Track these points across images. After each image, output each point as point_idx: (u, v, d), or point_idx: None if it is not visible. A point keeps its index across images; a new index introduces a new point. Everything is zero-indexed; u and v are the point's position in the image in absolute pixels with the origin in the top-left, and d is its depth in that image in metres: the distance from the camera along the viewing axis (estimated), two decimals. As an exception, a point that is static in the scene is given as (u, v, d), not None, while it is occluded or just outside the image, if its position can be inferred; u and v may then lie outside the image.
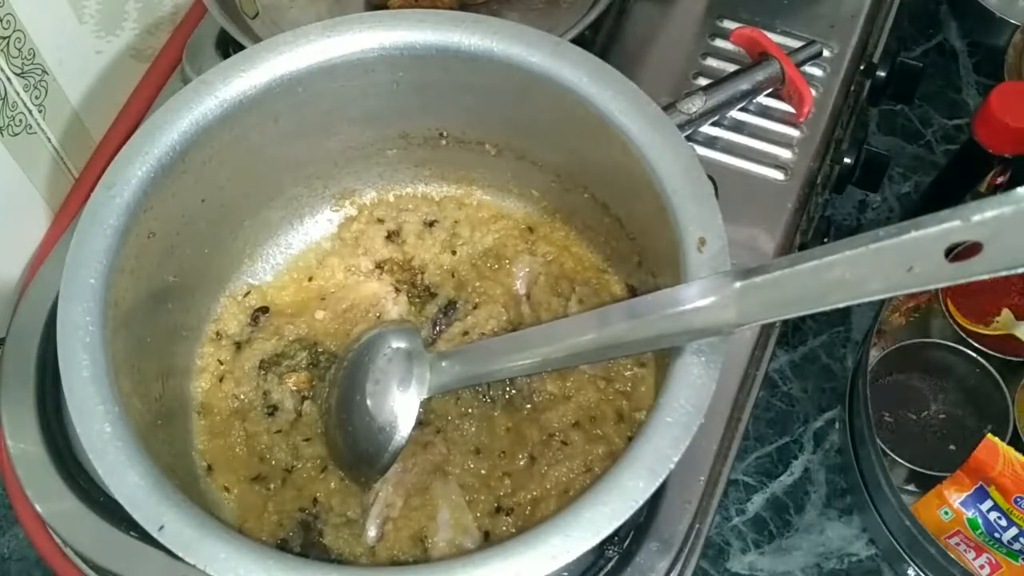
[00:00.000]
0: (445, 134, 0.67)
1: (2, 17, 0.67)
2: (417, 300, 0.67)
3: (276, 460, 0.61)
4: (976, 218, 0.39)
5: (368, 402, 0.57)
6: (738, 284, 0.48)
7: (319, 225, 0.70)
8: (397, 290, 0.66)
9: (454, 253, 0.67)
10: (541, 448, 0.60)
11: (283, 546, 0.58)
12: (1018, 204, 0.38)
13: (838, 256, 0.44)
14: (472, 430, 0.61)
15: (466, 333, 0.64)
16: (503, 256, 0.67)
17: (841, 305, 0.45)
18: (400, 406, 0.57)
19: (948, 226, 0.40)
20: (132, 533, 0.60)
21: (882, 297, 0.44)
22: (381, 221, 0.69)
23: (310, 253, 0.69)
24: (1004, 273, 0.40)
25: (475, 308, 0.65)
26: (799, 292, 0.46)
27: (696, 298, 0.49)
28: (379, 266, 0.68)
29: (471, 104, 0.64)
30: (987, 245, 0.39)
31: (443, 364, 0.57)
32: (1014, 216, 0.39)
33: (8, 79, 0.69)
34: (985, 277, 0.40)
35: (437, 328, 0.65)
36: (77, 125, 0.77)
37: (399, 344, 0.58)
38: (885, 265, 0.42)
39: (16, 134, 0.71)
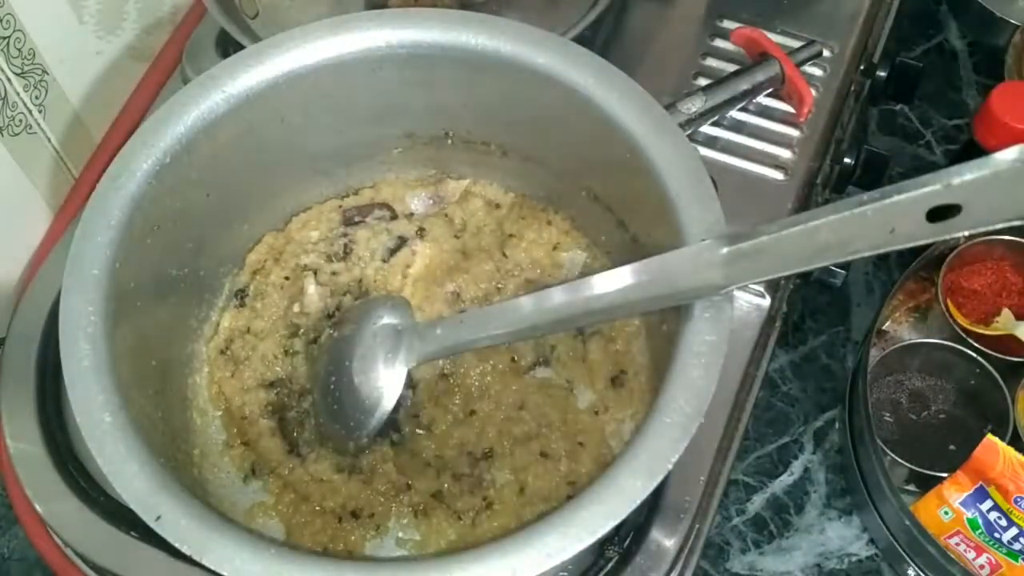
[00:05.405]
0: (451, 133, 0.67)
1: (2, 17, 0.67)
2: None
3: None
4: (956, 182, 0.42)
5: (355, 377, 0.58)
6: (725, 250, 0.50)
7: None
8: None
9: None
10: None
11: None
12: (995, 168, 0.41)
13: (822, 221, 0.46)
14: None
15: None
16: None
17: (825, 264, 0.47)
18: (385, 379, 0.57)
19: (929, 190, 0.43)
20: (132, 533, 0.60)
21: (866, 256, 0.46)
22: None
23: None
24: (981, 230, 0.42)
25: None
26: (784, 255, 0.48)
27: (684, 262, 0.51)
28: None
29: (477, 104, 0.64)
30: (966, 206, 0.42)
31: (437, 332, 0.57)
32: (992, 179, 0.41)
33: (8, 79, 0.69)
34: (964, 234, 0.43)
35: None
36: (77, 125, 0.77)
37: (388, 320, 0.59)
38: (868, 227, 0.44)
39: (16, 134, 0.71)
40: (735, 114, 0.74)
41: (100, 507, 0.61)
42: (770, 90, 0.74)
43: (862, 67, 0.80)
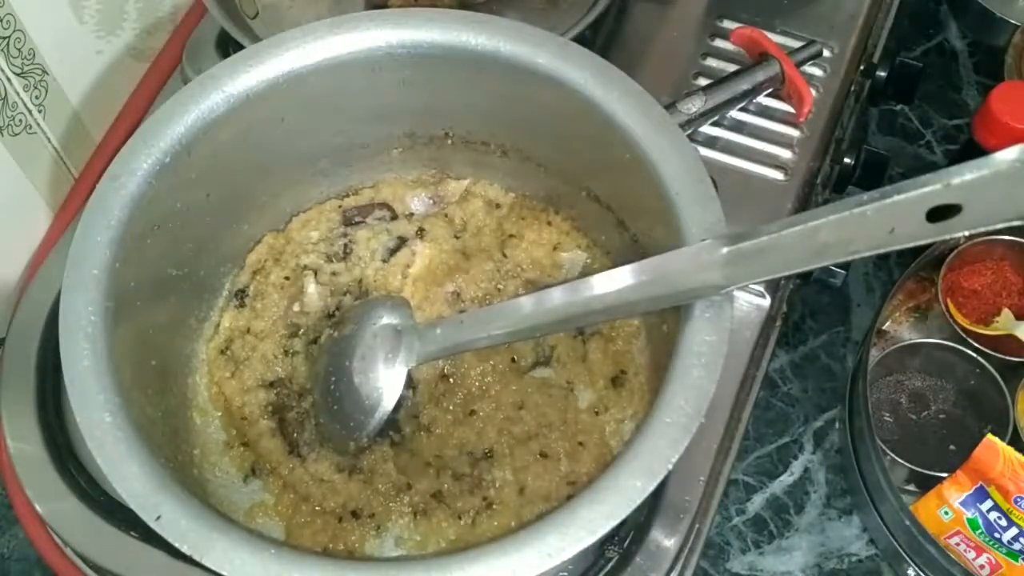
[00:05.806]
0: (451, 134, 0.67)
1: (2, 17, 0.67)
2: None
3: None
4: (956, 182, 0.42)
5: (355, 377, 0.58)
6: (725, 250, 0.50)
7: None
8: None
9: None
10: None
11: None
12: (995, 168, 0.41)
13: (822, 221, 0.46)
14: None
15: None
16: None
17: (825, 264, 0.47)
18: (385, 379, 0.57)
19: (929, 190, 0.42)
20: (132, 533, 0.60)
21: (866, 256, 0.46)
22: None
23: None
24: (981, 230, 0.42)
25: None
26: (784, 255, 0.48)
27: (684, 262, 0.51)
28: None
29: (477, 104, 0.64)
30: (966, 206, 0.42)
31: (437, 332, 0.57)
32: (992, 179, 0.41)
33: (8, 79, 0.69)
34: (964, 234, 0.43)
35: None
36: (77, 125, 0.77)
37: (388, 320, 0.59)
38: (868, 227, 0.44)
39: (16, 134, 0.71)
40: (735, 114, 0.74)
41: (100, 507, 0.61)
42: (770, 90, 0.74)
43: (862, 67, 0.80)
